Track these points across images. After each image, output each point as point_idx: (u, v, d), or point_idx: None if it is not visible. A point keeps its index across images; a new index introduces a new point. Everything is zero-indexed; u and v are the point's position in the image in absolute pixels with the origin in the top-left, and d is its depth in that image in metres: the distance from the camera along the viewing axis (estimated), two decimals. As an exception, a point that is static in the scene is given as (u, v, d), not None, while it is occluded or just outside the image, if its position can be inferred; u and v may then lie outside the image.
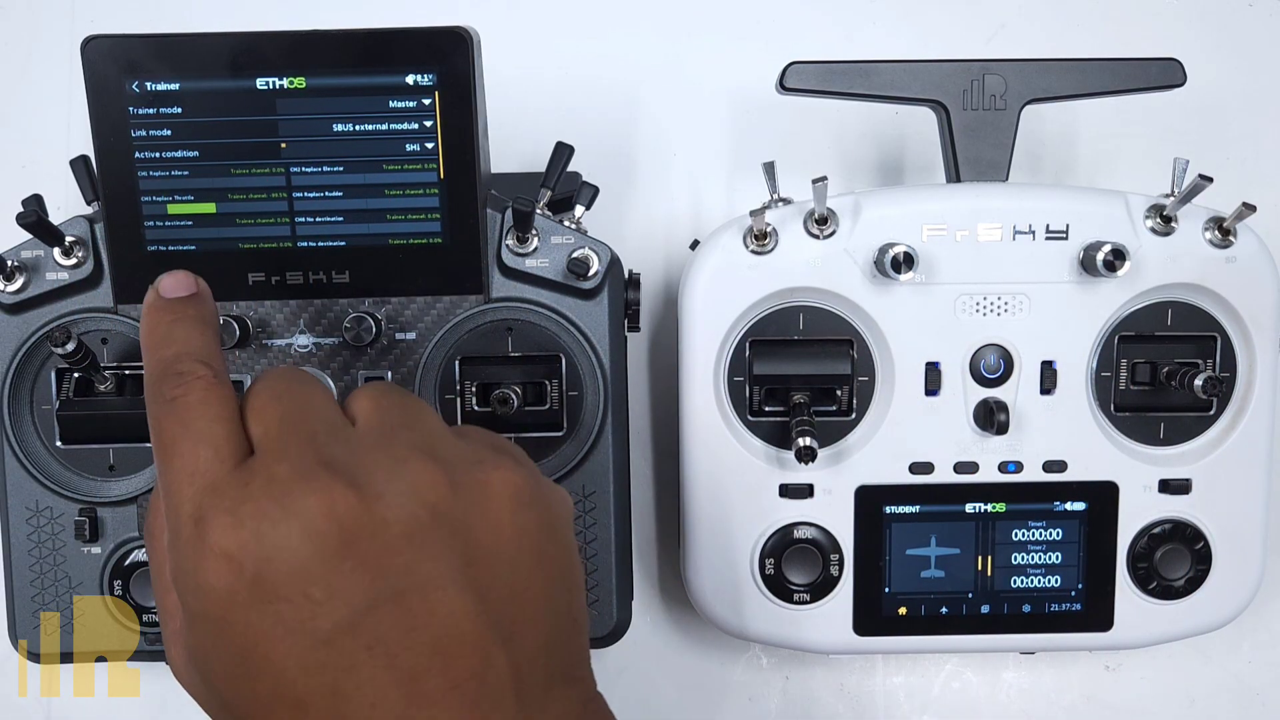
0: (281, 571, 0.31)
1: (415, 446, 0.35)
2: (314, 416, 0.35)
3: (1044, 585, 0.51)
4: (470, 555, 0.33)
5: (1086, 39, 0.60)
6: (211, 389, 0.35)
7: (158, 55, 0.44)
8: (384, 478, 0.33)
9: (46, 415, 0.48)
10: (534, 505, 0.35)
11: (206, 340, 0.37)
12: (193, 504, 0.33)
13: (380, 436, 0.35)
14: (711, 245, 0.49)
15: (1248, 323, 0.50)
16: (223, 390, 0.35)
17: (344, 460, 0.33)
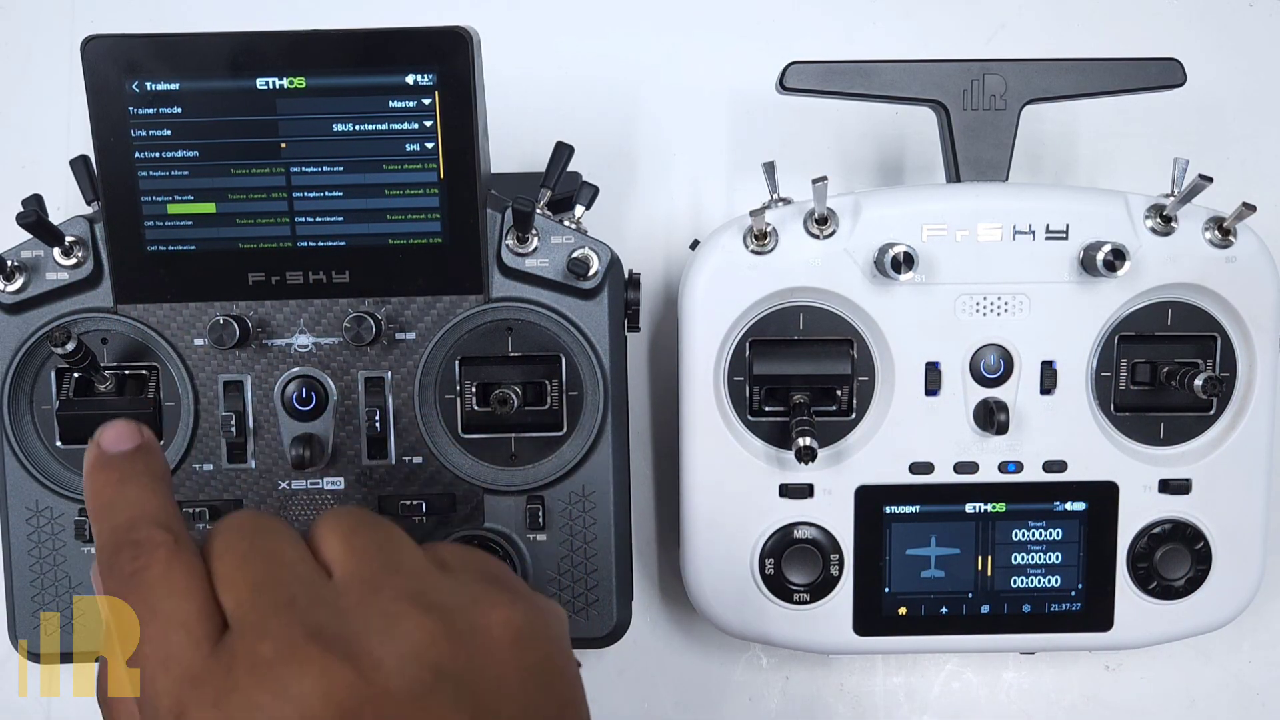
0: None
1: (404, 596, 0.32)
2: (288, 576, 0.32)
3: (1044, 585, 0.51)
4: (479, 708, 0.31)
5: (1086, 39, 0.60)
6: (174, 559, 0.32)
7: (158, 55, 0.44)
8: (379, 642, 0.30)
9: (46, 415, 0.48)
10: (535, 640, 0.33)
11: (161, 500, 0.34)
12: (171, 698, 0.30)
13: (364, 588, 0.32)
14: (711, 245, 0.49)
15: (1248, 323, 0.50)
16: (186, 558, 0.32)
17: (332, 627, 0.30)
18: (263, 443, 0.48)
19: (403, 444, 0.48)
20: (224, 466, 0.48)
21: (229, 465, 0.48)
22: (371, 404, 0.48)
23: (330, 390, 0.48)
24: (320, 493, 0.48)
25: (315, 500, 0.48)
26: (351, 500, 0.48)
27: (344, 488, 0.48)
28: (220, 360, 0.48)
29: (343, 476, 0.48)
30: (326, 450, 0.48)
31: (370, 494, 0.48)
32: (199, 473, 0.48)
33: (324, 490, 0.48)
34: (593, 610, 0.49)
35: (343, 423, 0.48)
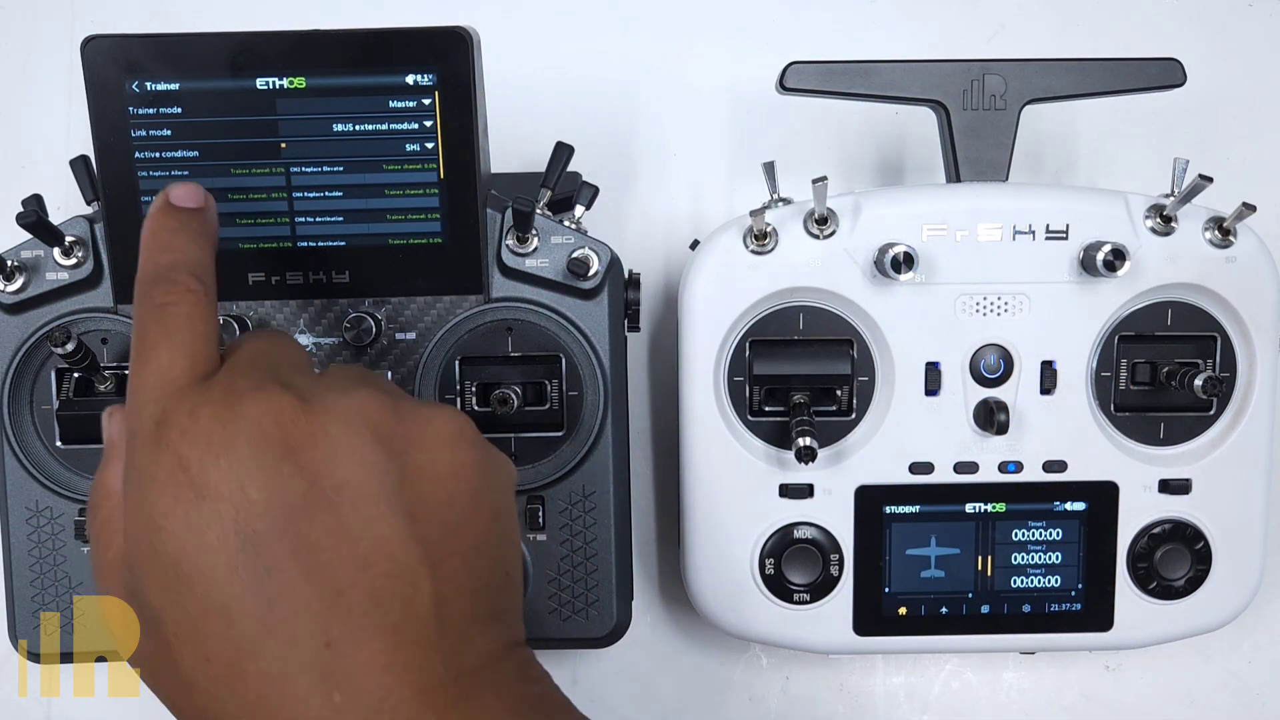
0: (224, 471, 0.32)
1: (369, 384, 0.36)
2: (282, 356, 0.37)
3: (1044, 585, 0.51)
4: (406, 478, 0.34)
5: (1086, 39, 0.60)
6: (199, 303, 0.36)
7: (158, 55, 0.44)
8: (332, 398, 0.34)
9: (46, 415, 0.48)
10: (475, 447, 0.36)
11: (204, 255, 0.38)
12: (156, 406, 0.34)
13: (338, 376, 0.37)
14: (711, 245, 0.49)
15: (1248, 323, 0.50)
16: (209, 308, 0.36)
17: (298, 383, 0.35)
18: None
19: (403, 444, 0.48)
20: (224, 466, 0.48)
21: (229, 465, 0.48)
22: (371, 404, 0.48)
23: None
24: (320, 493, 0.48)
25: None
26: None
27: (344, 488, 0.48)
28: (220, 360, 0.48)
29: (343, 476, 0.48)
30: None
31: (370, 494, 0.48)
32: (199, 473, 0.48)
33: (324, 490, 0.48)
34: (593, 610, 0.49)
35: None
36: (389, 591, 0.33)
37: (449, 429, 0.36)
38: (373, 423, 0.34)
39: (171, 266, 0.37)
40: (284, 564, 0.32)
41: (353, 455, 0.33)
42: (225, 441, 0.33)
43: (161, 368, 0.34)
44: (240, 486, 0.32)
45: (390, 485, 0.34)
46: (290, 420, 0.33)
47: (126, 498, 0.34)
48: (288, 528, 0.32)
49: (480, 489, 0.36)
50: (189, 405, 0.33)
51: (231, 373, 0.35)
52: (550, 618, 0.49)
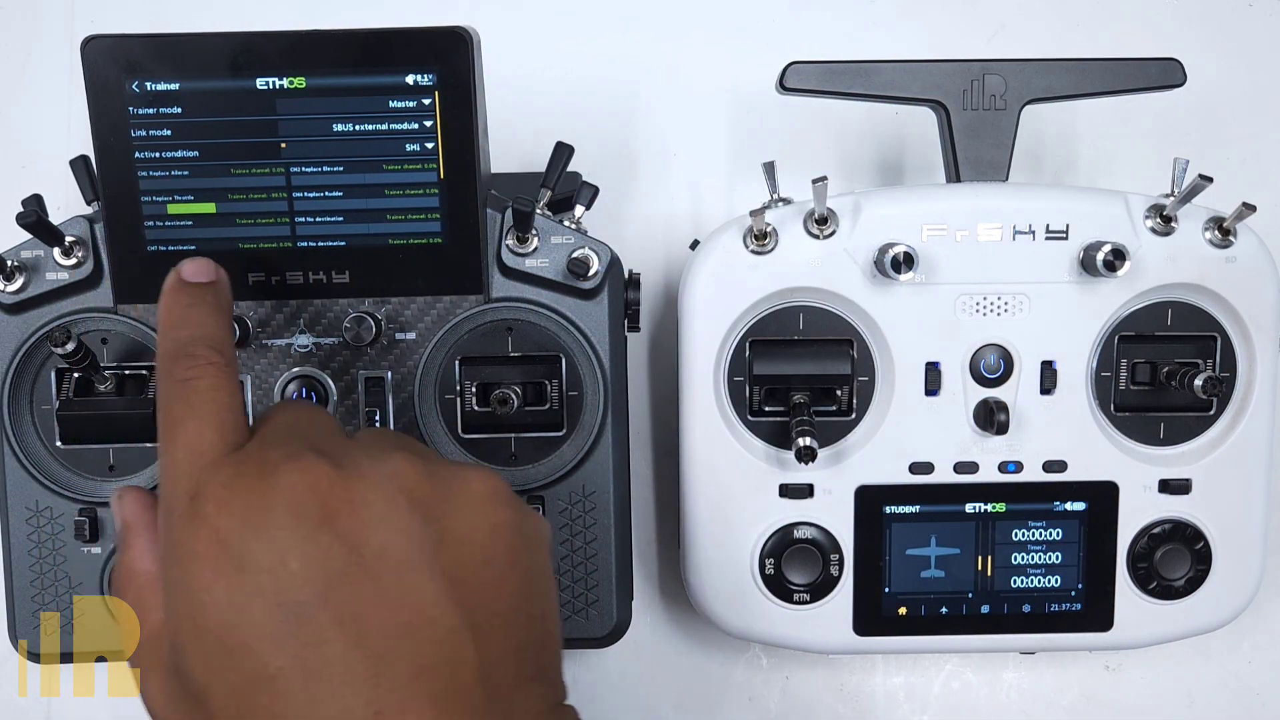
0: (263, 543, 0.32)
1: (402, 448, 0.36)
2: (311, 424, 0.37)
3: (1044, 585, 0.51)
4: (443, 541, 0.34)
5: (1086, 39, 0.60)
6: (221, 375, 0.37)
7: (158, 55, 0.44)
8: (367, 464, 0.34)
9: (46, 415, 0.48)
10: (511, 507, 0.36)
11: (220, 328, 0.39)
12: (190, 480, 0.34)
13: (371, 441, 0.37)
14: (711, 245, 0.49)
15: (1248, 323, 0.50)
16: (231, 379, 0.37)
17: (332, 450, 0.35)
18: (263, 443, 0.48)
19: (403, 444, 0.48)
20: (224, 466, 0.48)
21: (229, 465, 0.48)
22: (371, 404, 0.48)
23: (330, 390, 0.48)
24: (320, 493, 0.48)
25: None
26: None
27: (344, 488, 0.48)
28: (220, 360, 0.48)
29: (343, 476, 0.48)
30: None
31: (370, 494, 0.48)
32: (199, 473, 0.48)
33: (324, 490, 0.48)
34: (593, 610, 0.49)
35: (343, 423, 0.48)
36: (433, 657, 0.32)
37: (483, 490, 0.36)
38: (407, 487, 0.34)
39: (190, 341, 0.37)
40: (328, 634, 0.32)
41: (389, 521, 0.33)
42: (262, 512, 0.32)
43: (190, 441, 0.35)
44: (280, 558, 0.32)
45: (428, 549, 0.33)
46: (326, 488, 0.33)
47: (166, 574, 0.34)
48: (330, 597, 0.32)
49: (517, 548, 0.36)
50: (223, 477, 0.33)
51: (263, 443, 0.35)
52: (550, 618, 0.49)
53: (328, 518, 0.33)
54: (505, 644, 0.34)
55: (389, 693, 0.31)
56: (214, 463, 0.34)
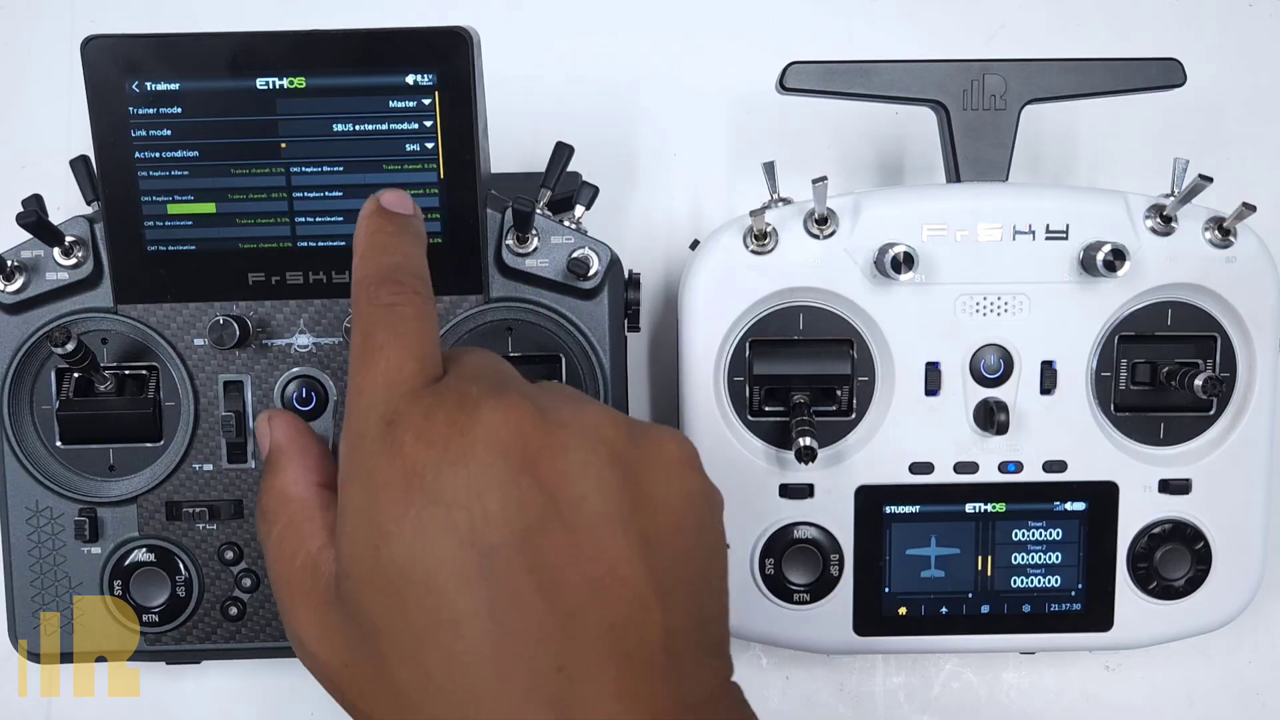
0: (461, 479, 0.31)
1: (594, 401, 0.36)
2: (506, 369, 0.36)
3: (1044, 585, 0.51)
4: (640, 503, 0.33)
5: (1086, 39, 0.60)
6: (426, 305, 0.36)
7: (158, 55, 0.44)
8: (569, 412, 0.33)
9: (46, 415, 0.48)
10: (702, 475, 0.35)
11: (423, 260, 0.38)
12: (387, 405, 0.33)
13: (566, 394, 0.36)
14: (711, 245, 0.49)
15: (1248, 323, 0.50)
16: (434, 313, 0.36)
17: (531, 393, 0.34)
18: (263, 443, 0.48)
19: (403, 444, 0.48)
20: (224, 466, 0.48)
21: (229, 465, 0.48)
22: (371, 404, 0.48)
23: (330, 390, 0.48)
24: (320, 493, 0.48)
25: (315, 500, 0.48)
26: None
27: (344, 488, 0.48)
28: (220, 360, 0.48)
29: (343, 476, 0.48)
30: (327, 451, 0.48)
31: (370, 494, 0.48)
32: (199, 473, 0.48)
33: (324, 490, 0.48)
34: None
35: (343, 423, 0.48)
36: (622, 617, 0.31)
37: (680, 455, 0.35)
38: (609, 440, 0.33)
39: (396, 268, 0.36)
40: (520, 580, 0.30)
41: (590, 472, 0.32)
42: (463, 448, 0.31)
43: (390, 368, 0.33)
44: (478, 496, 0.31)
45: (626, 507, 0.32)
46: (530, 430, 0.32)
47: (347, 501, 0.33)
48: (524, 543, 0.31)
49: (705, 518, 0.35)
50: (423, 407, 0.32)
51: (462, 379, 0.34)
52: (550, 618, 0.49)
53: (529, 461, 0.31)
54: (689, 613, 0.33)
55: (575, 649, 0.30)
56: (414, 392, 0.33)
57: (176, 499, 0.48)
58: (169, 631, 0.49)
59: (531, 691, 0.30)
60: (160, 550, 0.48)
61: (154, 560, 0.48)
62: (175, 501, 0.48)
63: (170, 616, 0.49)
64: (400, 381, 0.33)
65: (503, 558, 0.31)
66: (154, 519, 0.48)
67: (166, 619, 0.49)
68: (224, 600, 0.49)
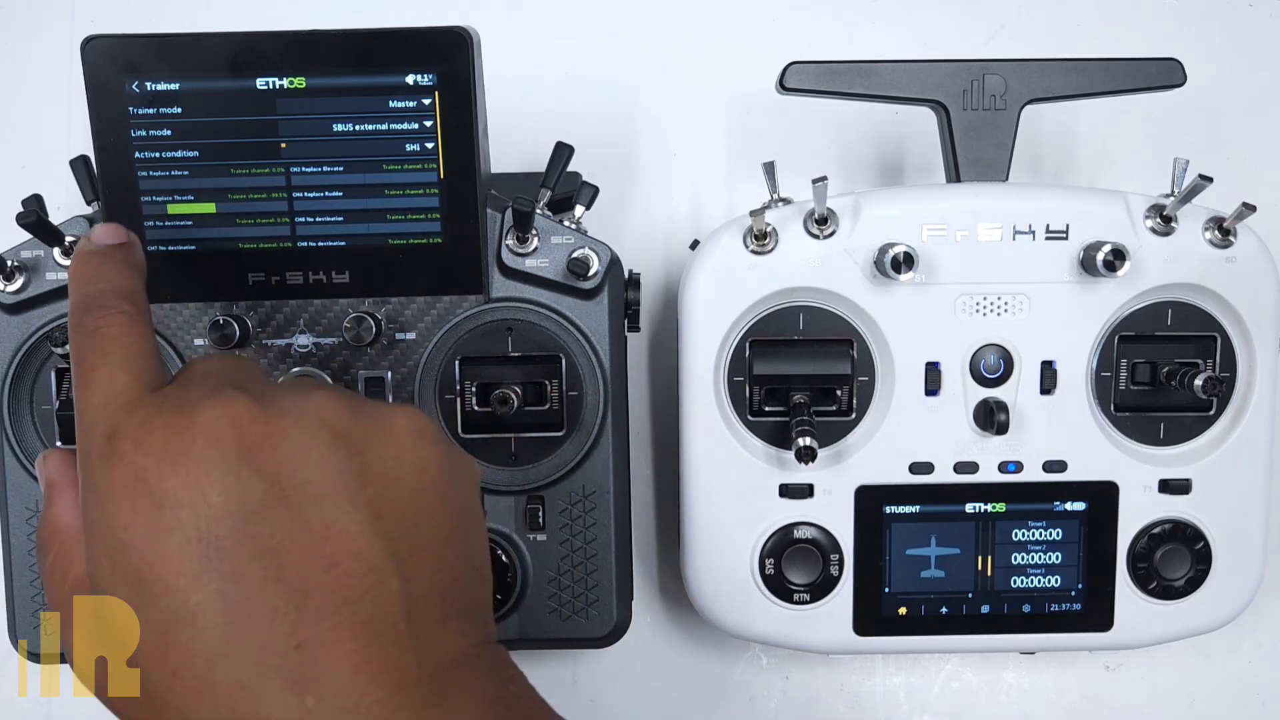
0: (181, 477, 0.32)
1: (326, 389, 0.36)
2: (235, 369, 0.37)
3: (1044, 585, 0.51)
4: (366, 474, 0.34)
5: (1086, 39, 0.60)
6: (133, 323, 0.36)
7: (158, 55, 0.44)
8: (290, 401, 0.34)
9: (46, 415, 0.48)
10: (436, 444, 0.36)
11: (133, 282, 0.39)
12: (106, 423, 0.34)
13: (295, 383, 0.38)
14: (711, 245, 0.49)
15: (1248, 323, 0.50)
16: (144, 326, 0.37)
17: (253, 389, 0.34)
18: (263, 443, 0.48)
19: (403, 444, 0.48)
20: (224, 466, 0.48)
21: (229, 465, 0.48)
22: (371, 404, 0.48)
23: None
24: (320, 493, 0.48)
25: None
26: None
27: (344, 488, 0.48)
28: (220, 360, 0.48)
29: (343, 476, 0.48)
30: None
31: (370, 494, 0.48)
32: (199, 473, 0.48)
33: (324, 490, 0.48)
34: (593, 610, 0.49)
35: None
36: (357, 590, 0.32)
37: (409, 426, 0.35)
38: (330, 422, 0.34)
39: (100, 294, 0.37)
40: (248, 568, 0.31)
41: (311, 454, 0.33)
42: (181, 448, 0.32)
43: (103, 386, 0.34)
44: (200, 492, 0.32)
45: (351, 483, 0.33)
46: (247, 422, 0.33)
47: (85, 518, 0.34)
48: (250, 531, 0.32)
49: (443, 485, 0.35)
50: (140, 416, 0.33)
51: (183, 384, 0.35)
52: (550, 618, 0.49)
53: (248, 451, 0.32)
54: (431, 579, 0.34)
55: (311, 625, 0.31)
56: (130, 403, 0.34)
57: None
58: (169, 631, 0.49)
59: (273, 671, 0.31)
60: (160, 550, 0.48)
61: (154, 560, 0.48)
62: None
63: (170, 616, 0.49)
64: (115, 396, 0.34)
65: (229, 548, 0.31)
66: (154, 519, 0.48)
67: (166, 619, 0.49)
68: None
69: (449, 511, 0.35)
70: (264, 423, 0.33)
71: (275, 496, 0.32)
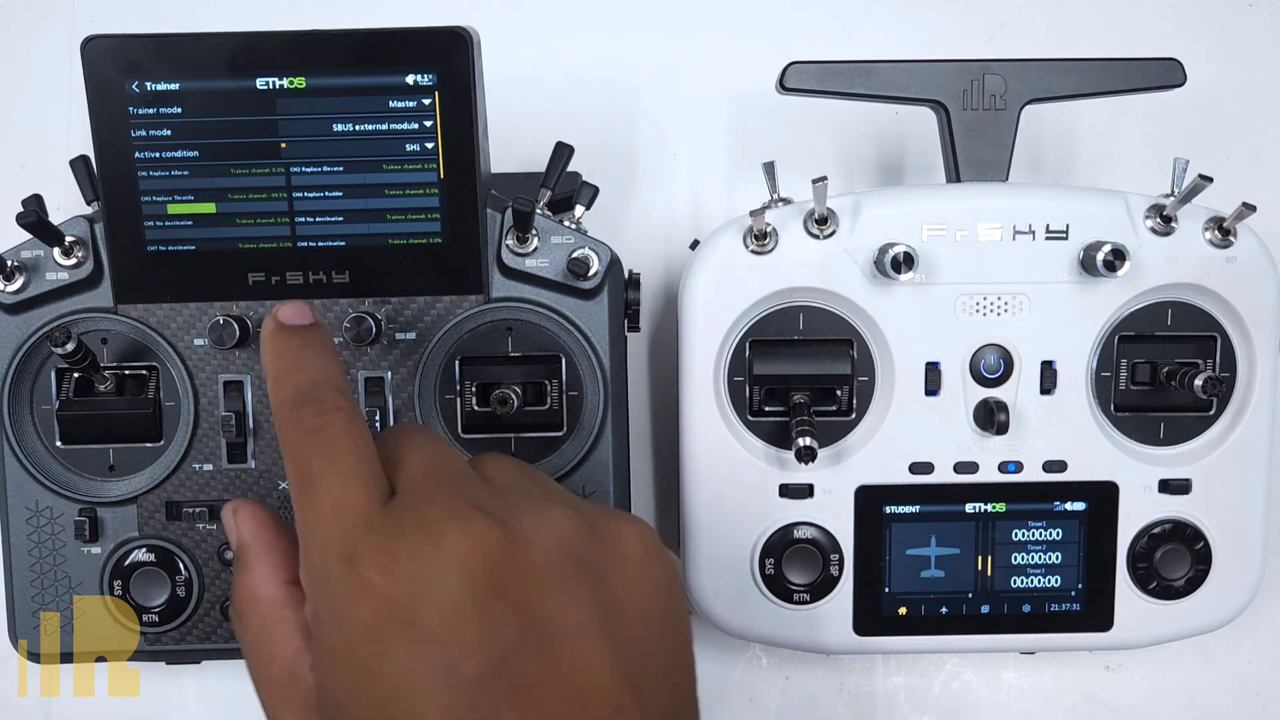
0: (435, 611, 0.31)
1: (552, 499, 0.35)
2: (452, 467, 0.36)
3: (1044, 585, 0.51)
4: (608, 605, 0.33)
5: (1086, 39, 0.60)
6: (353, 421, 0.35)
7: (158, 55, 0.44)
8: (530, 523, 0.33)
9: (46, 415, 0.48)
10: (662, 561, 0.36)
11: (339, 370, 0.37)
12: (344, 541, 0.33)
13: (518, 490, 0.36)
14: (711, 245, 0.49)
15: (1248, 323, 0.50)
16: (363, 424, 0.35)
17: (490, 505, 0.34)
18: (263, 443, 0.48)
19: (403, 444, 0.48)
20: (224, 466, 0.48)
21: (229, 465, 0.48)
22: (372, 404, 0.48)
23: None
24: (320, 493, 0.48)
25: (315, 500, 0.48)
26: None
27: (344, 488, 0.48)
28: (220, 360, 0.48)
29: (343, 476, 0.48)
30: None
31: (370, 494, 0.48)
32: (199, 473, 0.48)
33: (324, 490, 0.48)
34: (593, 610, 0.49)
35: None
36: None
37: (639, 546, 0.35)
38: (572, 548, 0.34)
39: (313, 385, 0.36)
40: (501, 705, 0.31)
41: (559, 588, 0.33)
42: (435, 580, 0.31)
43: (335, 500, 0.33)
44: (454, 628, 0.31)
45: (596, 615, 0.33)
46: (496, 554, 0.32)
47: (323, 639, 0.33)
48: (502, 668, 0.31)
49: (669, 603, 0.35)
50: (382, 540, 0.32)
51: (415, 498, 0.34)
52: (550, 618, 0.49)
53: (500, 587, 0.32)
54: (663, 700, 0.34)
55: None
56: (368, 523, 0.33)
57: (176, 499, 0.48)
58: (169, 631, 0.49)
59: None
60: (160, 550, 0.48)
61: (154, 560, 0.48)
62: (175, 501, 0.48)
63: (170, 616, 0.49)
64: (349, 511, 0.33)
65: (483, 685, 0.31)
66: (154, 519, 0.48)
67: (166, 619, 0.49)
68: (224, 600, 0.49)
69: (672, 628, 0.36)
70: (513, 556, 0.32)
71: (526, 632, 0.32)
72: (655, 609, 0.35)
